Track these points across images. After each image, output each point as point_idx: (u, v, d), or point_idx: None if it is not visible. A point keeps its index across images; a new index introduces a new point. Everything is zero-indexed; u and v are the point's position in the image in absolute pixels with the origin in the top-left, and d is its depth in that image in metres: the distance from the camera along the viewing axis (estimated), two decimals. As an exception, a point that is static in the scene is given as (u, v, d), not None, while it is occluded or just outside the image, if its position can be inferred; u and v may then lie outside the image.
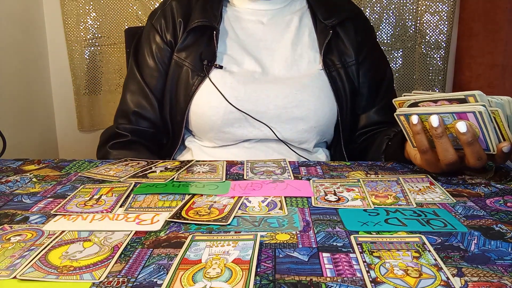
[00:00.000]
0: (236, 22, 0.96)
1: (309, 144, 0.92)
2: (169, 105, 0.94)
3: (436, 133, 0.65)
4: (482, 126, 0.62)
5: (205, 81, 0.89)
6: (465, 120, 0.63)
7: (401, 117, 0.70)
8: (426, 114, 0.66)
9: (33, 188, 0.67)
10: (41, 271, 0.43)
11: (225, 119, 0.88)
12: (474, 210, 0.57)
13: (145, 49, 0.97)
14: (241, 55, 0.93)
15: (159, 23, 0.96)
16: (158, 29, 0.96)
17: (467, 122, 0.63)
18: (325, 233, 0.51)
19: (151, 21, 0.98)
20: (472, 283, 0.40)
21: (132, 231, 0.52)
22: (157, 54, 0.95)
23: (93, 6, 1.58)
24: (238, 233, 0.51)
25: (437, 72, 1.56)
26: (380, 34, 1.54)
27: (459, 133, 0.63)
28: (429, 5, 1.51)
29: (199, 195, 0.63)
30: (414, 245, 0.47)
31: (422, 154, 0.69)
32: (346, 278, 0.41)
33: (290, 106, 0.89)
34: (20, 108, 1.42)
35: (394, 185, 0.66)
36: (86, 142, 1.69)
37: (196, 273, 0.42)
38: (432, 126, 0.64)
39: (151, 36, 0.96)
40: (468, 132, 0.62)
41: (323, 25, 0.95)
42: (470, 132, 0.63)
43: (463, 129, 0.62)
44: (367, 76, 0.97)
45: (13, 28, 1.38)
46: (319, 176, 0.72)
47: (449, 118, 0.64)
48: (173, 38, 0.94)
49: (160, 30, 0.95)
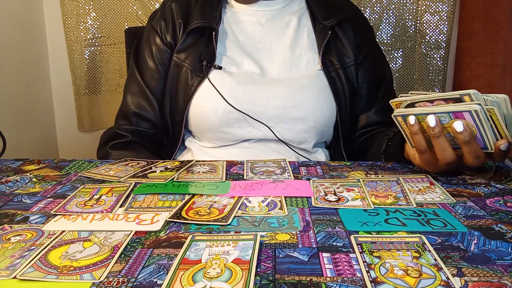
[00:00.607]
0: (235, 23, 0.96)
1: (308, 144, 0.92)
2: (169, 105, 0.94)
3: (433, 133, 0.65)
4: (479, 125, 0.63)
5: (204, 82, 0.90)
6: (462, 120, 0.63)
7: (398, 118, 0.70)
8: (423, 114, 0.66)
9: (33, 188, 0.67)
10: (41, 271, 0.43)
11: (224, 119, 0.88)
12: (474, 210, 0.57)
13: (146, 50, 0.97)
14: (240, 56, 0.93)
15: (159, 25, 0.96)
16: (158, 31, 0.96)
17: (464, 122, 0.63)
18: (325, 233, 0.51)
19: (151, 22, 0.98)
20: (472, 283, 0.40)
21: (132, 231, 0.52)
22: (157, 56, 0.95)
23: (93, 6, 1.58)
24: (238, 233, 0.51)
25: (437, 72, 1.56)
26: (380, 34, 1.54)
27: (456, 133, 0.63)
28: (429, 5, 1.51)
29: (199, 195, 0.63)
30: (414, 245, 0.47)
31: (420, 154, 0.69)
32: (346, 278, 0.41)
33: (289, 106, 0.89)
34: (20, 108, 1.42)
35: (394, 185, 0.66)
36: (86, 142, 1.69)
37: (196, 273, 0.42)
38: (429, 126, 0.65)
39: (151, 37, 0.97)
40: (465, 131, 0.63)
41: (322, 25, 0.95)
42: (467, 131, 0.63)
43: (460, 128, 0.63)
44: (366, 76, 0.97)
45: (13, 28, 1.38)
46: (319, 176, 0.72)
47: (446, 117, 0.65)
48: (173, 40, 0.95)
49: (160, 32, 0.96)
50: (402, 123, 0.70)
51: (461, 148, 0.65)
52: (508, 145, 0.63)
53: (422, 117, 0.66)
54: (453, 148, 0.66)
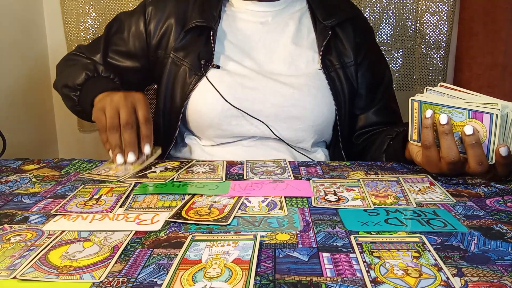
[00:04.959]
0: (234, 22, 0.96)
1: (306, 143, 0.92)
2: (163, 103, 0.94)
3: (443, 129, 0.66)
4: (492, 130, 0.63)
5: (202, 80, 0.90)
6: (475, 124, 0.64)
7: (415, 103, 0.70)
8: (442, 105, 0.66)
9: (33, 188, 0.67)
10: (41, 271, 0.43)
11: (222, 116, 0.88)
12: (474, 210, 0.57)
13: (125, 22, 0.98)
14: (239, 55, 0.93)
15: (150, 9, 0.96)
16: (145, 14, 0.97)
17: (476, 126, 0.64)
18: (325, 233, 0.51)
19: (145, 2, 0.99)
20: (472, 283, 0.40)
21: (132, 231, 0.52)
22: (133, 35, 0.97)
23: (93, 6, 1.58)
24: (238, 233, 0.51)
25: (437, 72, 1.56)
26: (380, 34, 1.54)
27: (465, 134, 0.64)
28: (429, 5, 1.51)
29: (199, 195, 0.63)
30: (414, 245, 0.47)
31: (425, 150, 0.69)
32: (346, 278, 0.41)
33: (287, 104, 0.89)
34: (20, 108, 1.42)
35: (394, 185, 0.66)
36: (86, 142, 1.69)
37: (196, 273, 0.42)
38: (441, 123, 0.65)
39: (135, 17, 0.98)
40: (474, 135, 0.64)
41: (322, 25, 0.95)
42: (475, 135, 0.64)
43: (469, 131, 0.64)
44: (366, 77, 0.97)
45: (13, 28, 1.38)
46: (319, 176, 0.72)
47: (463, 115, 0.65)
48: (154, 29, 0.95)
49: (146, 15, 0.96)
50: (416, 109, 0.70)
51: (466, 151, 0.65)
52: (508, 150, 0.63)
53: (439, 108, 0.67)
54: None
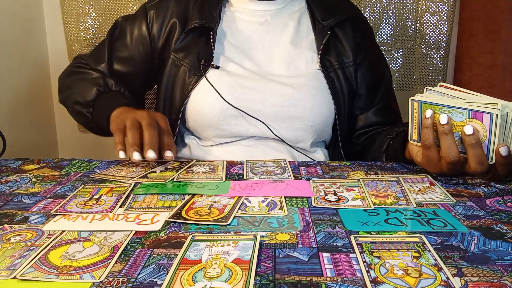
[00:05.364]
0: (234, 23, 0.96)
1: (305, 143, 0.92)
2: (163, 104, 0.95)
3: (443, 129, 0.66)
4: (492, 130, 0.63)
5: (202, 80, 0.90)
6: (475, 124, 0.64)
7: (415, 103, 0.69)
8: (442, 105, 0.66)
9: (33, 188, 0.67)
10: (41, 271, 0.43)
11: (221, 116, 0.88)
12: (474, 210, 0.57)
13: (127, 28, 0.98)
14: (239, 56, 0.93)
15: (151, 12, 0.97)
16: (147, 17, 0.97)
17: (476, 126, 0.64)
18: (325, 233, 0.51)
19: (145, 5, 0.99)
20: (472, 283, 0.40)
21: (132, 231, 0.52)
22: (136, 40, 0.97)
23: (93, 6, 1.58)
24: (238, 233, 0.51)
25: (437, 72, 1.56)
26: (380, 34, 1.54)
27: (465, 134, 0.64)
28: (429, 5, 1.51)
29: (199, 195, 0.63)
30: (414, 245, 0.47)
31: (425, 150, 0.69)
32: (346, 278, 0.41)
33: (287, 104, 0.89)
34: (20, 108, 1.42)
35: (394, 185, 0.66)
36: (86, 142, 1.69)
37: (196, 273, 0.42)
38: (441, 123, 0.66)
39: (138, 21, 0.98)
40: (474, 134, 0.64)
41: (321, 25, 0.95)
42: (475, 135, 0.64)
43: (469, 131, 0.64)
44: (365, 77, 0.97)
45: (13, 28, 1.38)
46: (319, 176, 0.72)
47: (463, 114, 0.65)
48: (158, 32, 0.95)
49: (149, 19, 0.96)
50: (416, 109, 0.70)
51: (466, 151, 0.65)
52: (508, 150, 0.63)
53: (439, 108, 0.67)
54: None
